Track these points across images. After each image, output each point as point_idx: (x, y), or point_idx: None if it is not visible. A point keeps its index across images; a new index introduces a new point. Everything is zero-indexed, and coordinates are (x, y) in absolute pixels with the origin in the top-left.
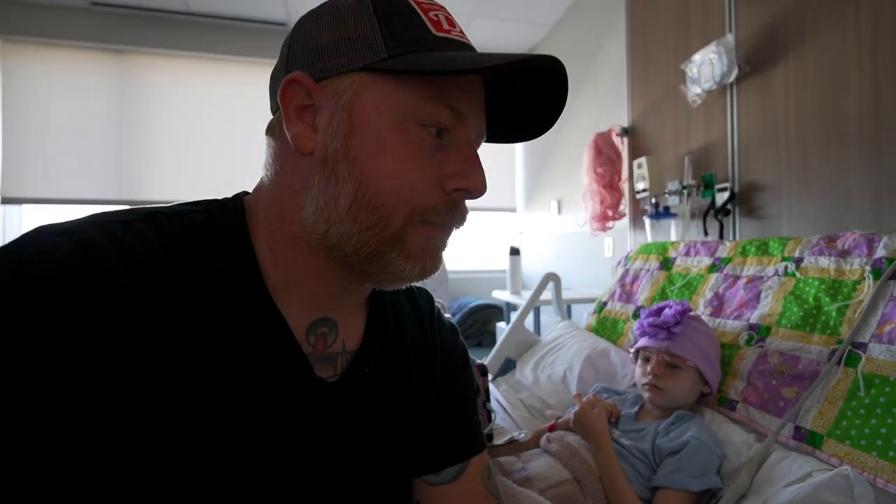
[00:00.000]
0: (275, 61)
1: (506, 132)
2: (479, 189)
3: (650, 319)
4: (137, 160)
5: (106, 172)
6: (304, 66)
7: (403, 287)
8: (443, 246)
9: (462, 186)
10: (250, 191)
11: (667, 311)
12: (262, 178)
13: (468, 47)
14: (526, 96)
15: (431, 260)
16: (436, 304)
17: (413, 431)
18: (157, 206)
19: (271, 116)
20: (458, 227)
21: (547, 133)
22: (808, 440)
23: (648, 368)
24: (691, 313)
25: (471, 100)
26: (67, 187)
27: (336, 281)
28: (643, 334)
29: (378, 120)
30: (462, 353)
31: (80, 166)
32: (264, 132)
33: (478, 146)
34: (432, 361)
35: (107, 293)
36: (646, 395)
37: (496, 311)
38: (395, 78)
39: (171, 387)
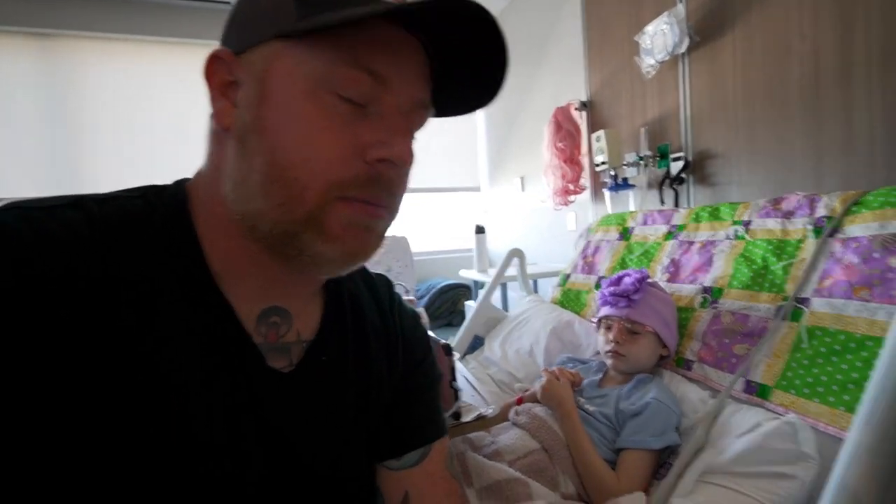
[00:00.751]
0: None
1: (458, 103)
2: (401, 158)
3: (611, 289)
4: (76, 152)
5: (40, 166)
6: (228, 41)
7: (337, 274)
8: (373, 227)
9: (382, 156)
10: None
11: (626, 279)
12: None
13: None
14: (468, 62)
15: (356, 240)
16: (396, 290)
17: (375, 419)
18: (86, 194)
19: None
20: (389, 205)
21: (508, 109)
22: (757, 392)
23: (610, 336)
24: (649, 280)
25: (395, 63)
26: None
27: (274, 267)
28: (605, 303)
29: (289, 88)
30: (423, 339)
31: (11, 160)
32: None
33: (420, 118)
34: (394, 349)
35: (25, 282)
36: (609, 361)
37: (465, 291)
38: (308, 44)
39: (109, 381)
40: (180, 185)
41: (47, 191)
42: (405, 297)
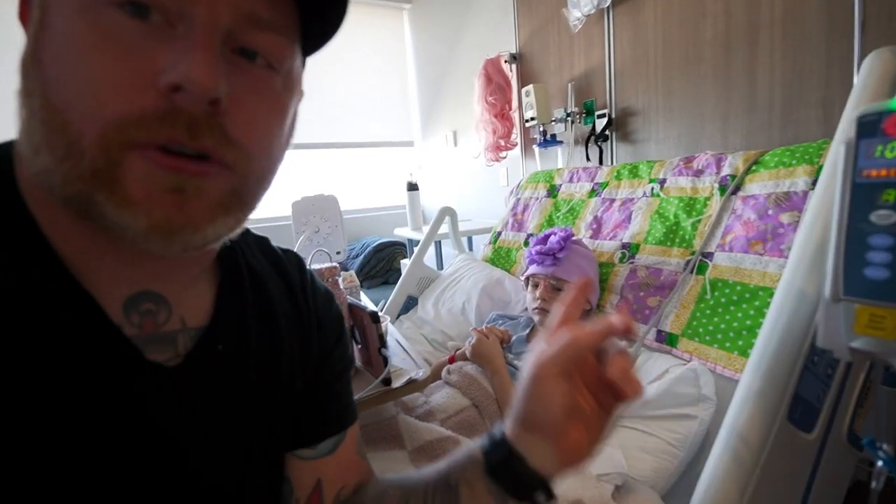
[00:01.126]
0: None
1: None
2: (194, 81)
3: (537, 248)
4: None
5: None
6: None
7: (166, 253)
8: (194, 187)
9: (170, 81)
10: None
11: (552, 238)
12: None
13: None
14: None
15: (165, 208)
16: (308, 268)
17: (283, 408)
18: None
19: None
20: (218, 155)
21: (438, 60)
22: (667, 341)
23: (537, 293)
24: (574, 238)
25: None
26: None
27: (123, 243)
28: (532, 262)
29: (63, 5)
30: (338, 320)
31: None
32: None
33: (260, 40)
34: (307, 332)
35: None
36: (536, 318)
37: (400, 248)
38: None
39: None
40: (3, 147)
41: None
42: (336, 260)
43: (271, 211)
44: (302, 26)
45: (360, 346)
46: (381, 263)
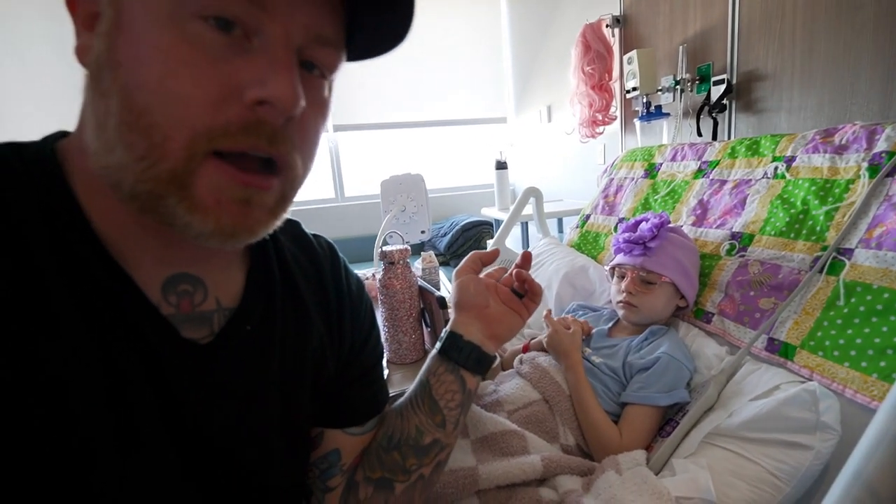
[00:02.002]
0: None
1: (367, 47)
2: (280, 99)
3: (626, 235)
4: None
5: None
6: None
7: (224, 248)
8: (255, 200)
9: (259, 96)
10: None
11: (643, 224)
12: None
13: None
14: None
15: (232, 215)
16: (340, 255)
17: (312, 387)
18: None
19: None
20: (284, 165)
21: (534, 29)
22: (780, 352)
23: (623, 286)
24: (670, 225)
25: None
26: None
27: (164, 230)
28: (618, 251)
29: (145, 13)
30: (368, 308)
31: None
32: None
33: (323, 56)
34: (337, 317)
35: None
36: (620, 312)
37: (488, 228)
38: None
39: None
40: (48, 141)
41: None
42: (421, 238)
43: (363, 189)
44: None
45: (429, 329)
46: (469, 243)
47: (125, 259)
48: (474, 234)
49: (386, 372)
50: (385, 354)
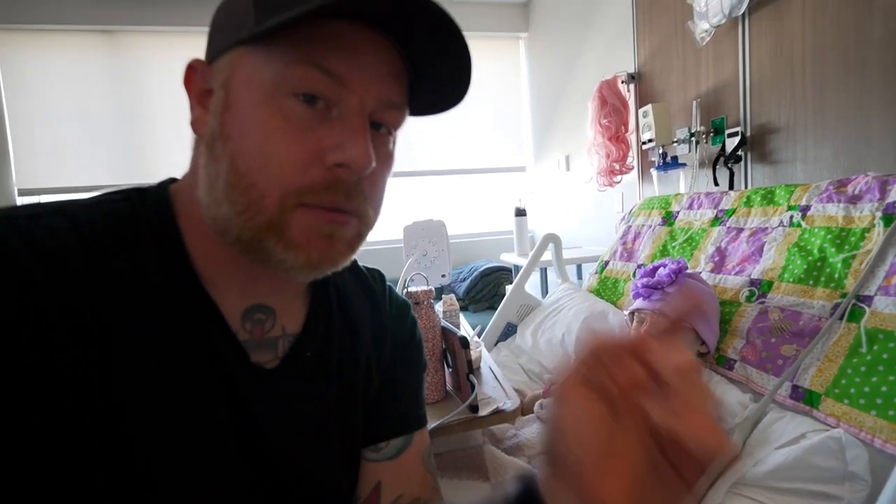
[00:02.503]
0: None
1: (431, 104)
2: (356, 162)
3: (644, 280)
4: (142, 141)
5: (113, 156)
6: (207, 50)
7: (308, 280)
8: (337, 234)
9: (338, 160)
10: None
11: (661, 270)
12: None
13: None
14: (435, 59)
15: (319, 250)
16: (387, 283)
17: (360, 411)
18: (70, 199)
19: None
20: (357, 211)
21: (553, 83)
22: (805, 399)
23: (642, 330)
24: (688, 271)
25: (354, 61)
26: (78, 174)
27: (255, 268)
28: (637, 296)
29: (247, 93)
30: (411, 326)
31: (89, 152)
32: None
33: (391, 117)
34: (382, 339)
35: (17, 286)
36: None
37: (506, 274)
38: (266, 47)
39: (94, 383)
40: (163, 186)
41: (120, 179)
42: (441, 282)
43: (387, 234)
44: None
45: (451, 370)
46: (487, 288)
47: (215, 291)
48: (493, 280)
49: None
50: None
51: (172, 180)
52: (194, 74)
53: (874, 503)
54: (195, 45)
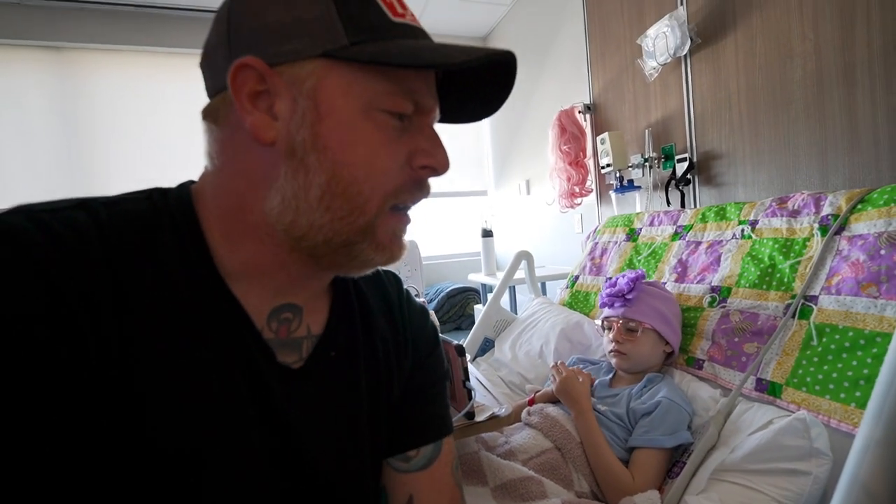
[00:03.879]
0: None
1: (454, 113)
2: (444, 166)
3: (608, 290)
4: (88, 160)
5: (55, 174)
6: (252, 47)
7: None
8: (405, 232)
9: (429, 164)
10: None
11: (620, 280)
12: (206, 167)
13: (423, 33)
14: (474, 83)
15: (398, 247)
16: (405, 287)
17: (384, 414)
18: (92, 196)
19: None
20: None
21: (512, 114)
22: (768, 391)
23: (611, 336)
24: (646, 280)
25: (431, 92)
26: (17, 193)
27: (299, 269)
28: (604, 305)
29: (346, 107)
30: (431, 334)
31: (28, 171)
32: (202, 117)
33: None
34: (402, 344)
35: (33, 279)
36: (613, 360)
37: (473, 294)
38: (359, 66)
39: (116, 379)
40: (184, 187)
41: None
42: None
43: None
44: None
45: (447, 382)
46: (455, 308)
47: (241, 290)
48: (460, 300)
49: None
50: None
51: (191, 182)
52: (247, 73)
53: (836, 477)
54: (145, 65)
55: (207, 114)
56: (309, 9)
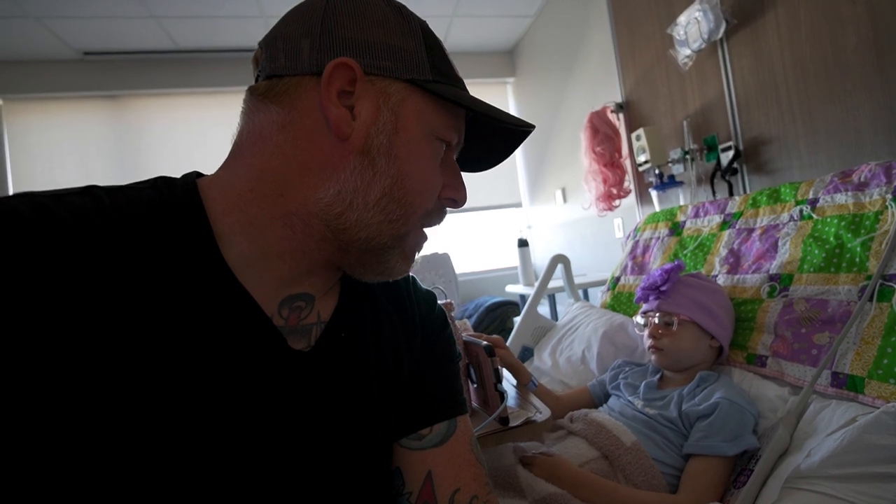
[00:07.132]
0: None
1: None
2: (464, 200)
3: (642, 284)
4: None
5: None
6: (349, 51)
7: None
8: (421, 249)
9: (454, 196)
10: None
11: (654, 272)
12: (235, 147)
13: (465, 87)
14: (485, 138)
15: (413, 261)
16: (411, 274)
17: (394, 395)
18: (95, 184)
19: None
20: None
21: (544, 122)
22: (847, 385)
23: (647, 332)
24: (691, 272)
25: (462, 133)
26: None
27: (318, 258)
28: (639, 300)
29: (417, 128)
30: (440, 315)
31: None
32: (251, 92)
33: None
34: (411, 328)
35: (35, 267)
36: (651, 357)
37: (513, 307)
38: (434, 99)
39: (121, 367)
40: (189, 178)
41: None
42: (451, 313)
43: None
44: None
45: (475, 386)
46: (495, 323)
47: (248, 278)
48: (499, 314)
49: None
50: None
51: (198, 174)
52: (343, 72)
53: None
54: (199, 106)
55: (267, 92)
56: (405, 41)
